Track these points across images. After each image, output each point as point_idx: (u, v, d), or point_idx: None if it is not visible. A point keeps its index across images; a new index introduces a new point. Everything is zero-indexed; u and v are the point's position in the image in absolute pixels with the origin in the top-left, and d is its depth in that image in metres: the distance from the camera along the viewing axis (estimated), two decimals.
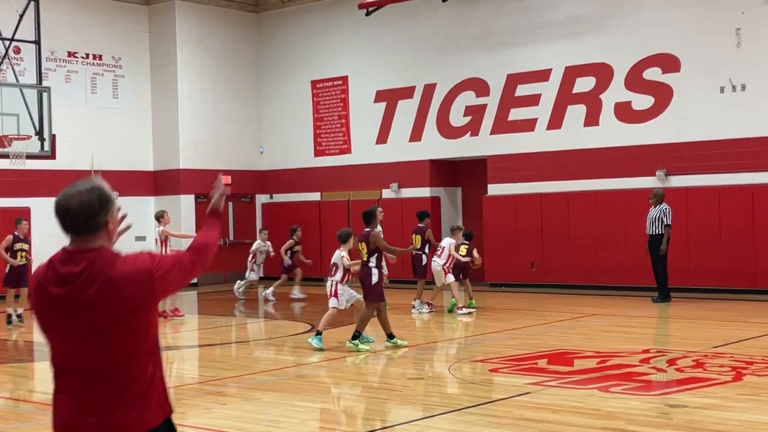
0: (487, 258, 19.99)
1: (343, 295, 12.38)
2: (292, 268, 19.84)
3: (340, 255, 12.40)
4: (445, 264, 16.17)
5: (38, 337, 14.83)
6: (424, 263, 16.73)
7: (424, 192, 21.86)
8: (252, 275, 20.16)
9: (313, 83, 23.76)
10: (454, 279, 16.07)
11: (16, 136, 16.17)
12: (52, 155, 16.90)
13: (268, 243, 20.23)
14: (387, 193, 22.43)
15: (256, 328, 16.29)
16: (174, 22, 23.20)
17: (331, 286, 12.41)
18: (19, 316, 15.99)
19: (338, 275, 12.35)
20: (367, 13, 20.18)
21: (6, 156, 16.25)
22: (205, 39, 23.75)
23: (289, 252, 19.82)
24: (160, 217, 16.95)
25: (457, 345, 13.27)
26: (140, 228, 23.10)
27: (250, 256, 20.15)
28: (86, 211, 3.18)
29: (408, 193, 22.11)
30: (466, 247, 16.42)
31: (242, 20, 24.56)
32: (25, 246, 16.18)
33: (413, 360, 11.57)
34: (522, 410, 8.10)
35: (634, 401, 8.39)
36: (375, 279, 11.98)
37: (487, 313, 16.22)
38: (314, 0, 23.63)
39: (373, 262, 12.05)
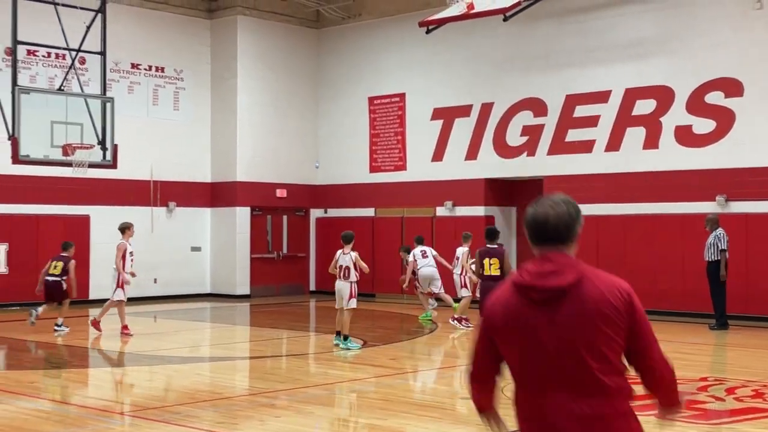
0: None
1: (354, 296, 13.60)
2: None
3: (353, 256, 13.42)
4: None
5: (90, 343, 15.02)
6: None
7: (479, 211, 21.74)
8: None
9: (371, 99, 23.82)
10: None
11: (79, 145, 16.42)
12: (113, 165, 17.13)
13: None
14: (441, 211, 22.36)
15: (307, 342, 16.32)
16: (235, 36, 23.46)
17: (351, 287, 13.46)
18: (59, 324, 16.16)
19: (353, 276, 13.46)
20: (428, 31, 20.18)
21: (69, 164, 16.51)
22: (266, 53, 23.97)
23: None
24: (125, 228, 15.93)
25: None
26: (196, 239, 23.45)
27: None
28: (566, 221, 3.25)
29: (462, 211, 22.00)
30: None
31: (303, 36, 24.75)
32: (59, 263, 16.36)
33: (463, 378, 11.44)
34: None
35: (692, 430, 8.22)
36: None
37: None
38: (375, 17, 23.74)
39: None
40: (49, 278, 16.16)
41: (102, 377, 12.53)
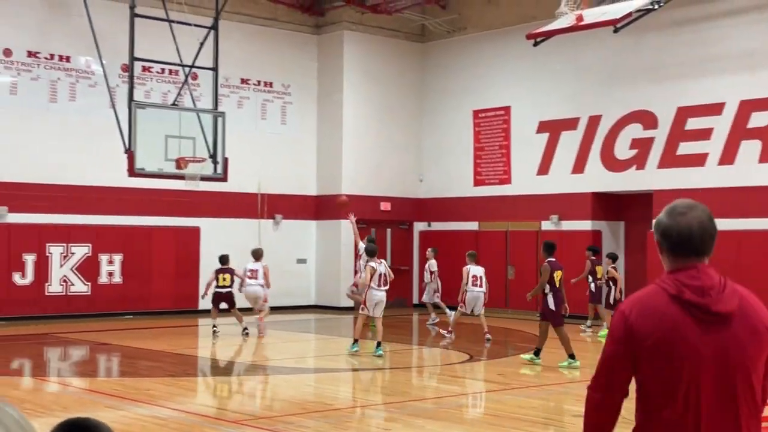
0: None
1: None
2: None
3: (386, 265, 14.68)
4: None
5: (201, 351, 15.31)
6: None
7: (585, 225, 21.39)
8: None
9: (475, 112, 23.72)
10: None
11: (192, 159, 16.81)
12: (224, 178, 17.48)
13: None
14: (546, 225, 22.06)
15: (410, 355, 16.28)
16: (342, 51, 23.68)
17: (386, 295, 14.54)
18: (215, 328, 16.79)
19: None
20: (535, 44, 19.99)
21: (182, 177, 16.92)
22: (371, 68, 24.12)
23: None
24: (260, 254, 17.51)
25: None
26: (302, 251, 23.69)
27: None
28: (711, 232, 3.12)
29: (568, 225, 21.67)
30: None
31: (408, 50, 24.82)
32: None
33: (575, 396, 11.25)
34: None
35: None
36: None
37: None
38: (480, 30, 23.66)
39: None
40: (221, 290, 17.04)
41: (214, 386, 12.76)
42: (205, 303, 18.07)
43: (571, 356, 13.24)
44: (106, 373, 13.77)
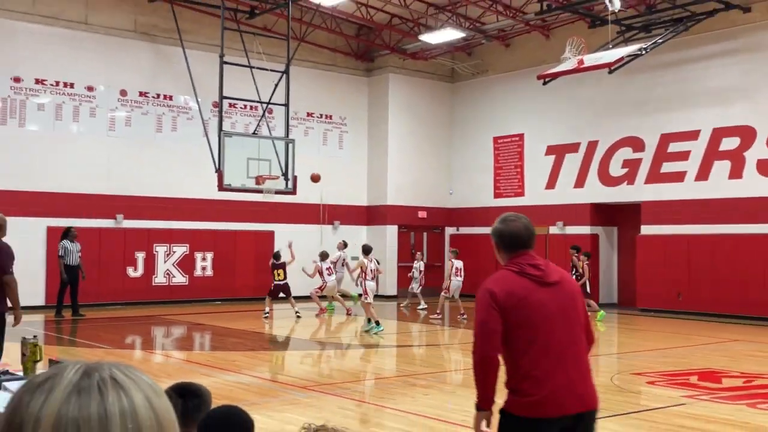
0: (639, 287, 19.46)
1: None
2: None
3: (376, 262, 15.48)
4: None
5: (290, 331, 15.37)
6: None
7: (585, 230, 21.17)
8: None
9: (495, 139, 23.61)
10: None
11: (269, 176, 16.93)
12: (293, 191, 17.56)
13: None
14: (553, 230, 21.88)
15: (443, 334, 16.20)
16: (387, 90, 23.68)
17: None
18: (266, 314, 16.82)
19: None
20: (545, 83, 19.82)
21: (260, 191, 17.04)
22: (411, 103, 24.09)
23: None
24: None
25: (616, 359, 12.65)
26: (355, 251, 23.56)
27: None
28: (532, 232, 3.66)
29: (571, 230, 21.48)
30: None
31: (440, 89, 24.75)
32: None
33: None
34: (679, 419, 7.59)
35: None
36: None
37: (640, 333, 15.43)
38: (499, 72, 23.55)
39: None
40: (279, 282, 17.23)
41: (287, 358, 12.79)
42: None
43: None
44: (200, 347, 13.89)
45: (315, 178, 17.56)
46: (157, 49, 20.02)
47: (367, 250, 15.71)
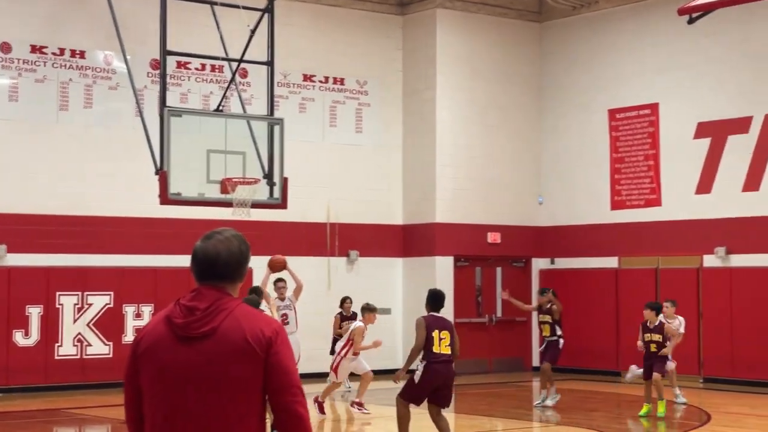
0: None
1: None
2: None
3: None
4: None
5: None
6: None
7: (764, 260, 20.85)
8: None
9: (612, 113, 23.43)
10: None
11: (241, 180, 16.68)
12: (282, 204, 17.28)
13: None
14: (710, 260, 21.67)
15: None
16: (434, 36, 23.57)
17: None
18: None
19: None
20: (690, 21, 19.47)
21: (229, 204, 16.78)
22: (473, 57, 23.97)
23: None
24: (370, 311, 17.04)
25: None
26: (385, 298, 23.27)
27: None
28: (237, 258, 4.23)
29: (740, 260, 21.22)
30: None
31: (521, 32, 24.65)
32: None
33: None
34: None
35: None
36: None
37: None
38: (616, 4, 23.34)
39: None
40: None
41: None
42: None
43: None
44: None
45: (276, 265, 17.11)
46: None
47: (371, 309, 16.64)
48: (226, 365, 3.92)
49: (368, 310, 16.54)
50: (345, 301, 19.97)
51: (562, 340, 18.05)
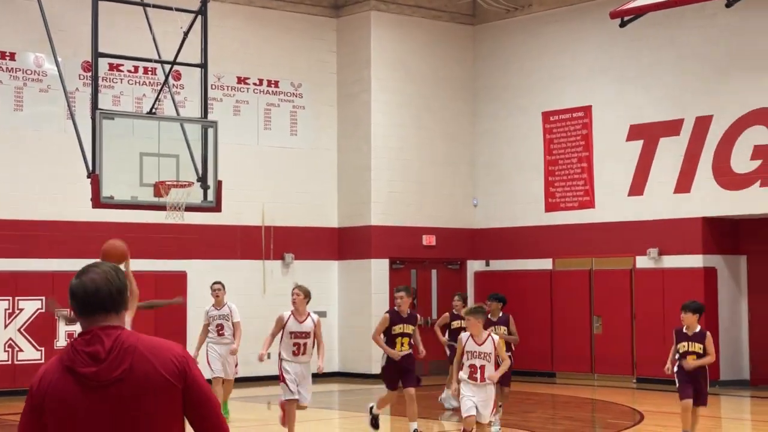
0: None
1: None
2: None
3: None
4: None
5: None
6: None
7: (695, 261, 21.16)
8: None
9: (545, 115, 23.60)
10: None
11: (175, 183, 16.61)
12: (217, 207, 17.23)
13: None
14: (642, 262, 21.89)
15: None
16: (369, 38, 23.62)
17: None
18: None
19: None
20: (622, 24, 19.78)
21: (162, 207, 16.70)
22: (407, 59, 24.04)
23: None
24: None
25: None
26: (320, 302, 23.22)
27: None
28: (118, 286, 4.00)
29: (671, 261, 21.46)
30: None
31: (454, 35, 24.74)
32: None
33: None
34: None
35: None
36: None
37: None
38: (549, 7, 23.50)
39: None
40: None
41: None
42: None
43: None
44: None
45: (112, 253, 11.91)
46: None
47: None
48: (144, 404, 3.86)
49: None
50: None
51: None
